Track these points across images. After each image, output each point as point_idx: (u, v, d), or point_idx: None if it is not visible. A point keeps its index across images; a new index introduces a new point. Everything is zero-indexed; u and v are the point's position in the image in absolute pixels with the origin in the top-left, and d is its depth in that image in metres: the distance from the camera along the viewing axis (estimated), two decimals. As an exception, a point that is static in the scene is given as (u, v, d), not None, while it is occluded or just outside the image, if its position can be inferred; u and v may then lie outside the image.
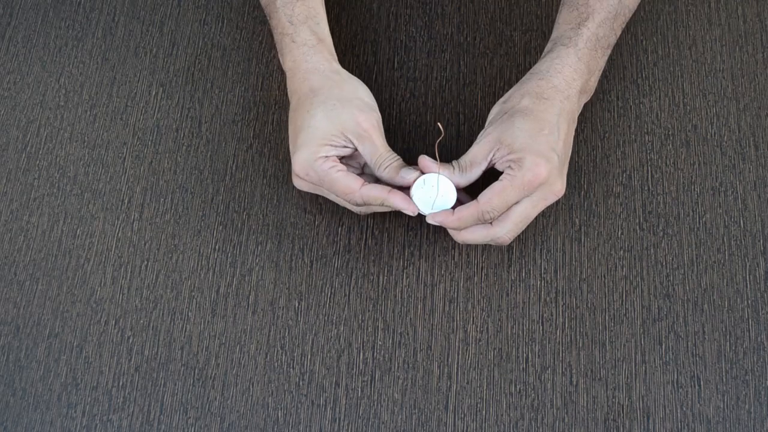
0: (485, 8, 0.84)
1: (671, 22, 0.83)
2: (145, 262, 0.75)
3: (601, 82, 0.80)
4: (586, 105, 0.79)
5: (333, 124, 0.68)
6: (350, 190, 0.67)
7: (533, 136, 0.66)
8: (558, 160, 0.66)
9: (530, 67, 0.81)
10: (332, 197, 0.71)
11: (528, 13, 0.84)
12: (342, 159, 0.69)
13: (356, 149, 0.69)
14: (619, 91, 0.80)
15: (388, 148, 0.69)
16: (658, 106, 0.79)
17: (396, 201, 0.67)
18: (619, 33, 0.74)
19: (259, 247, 0.75)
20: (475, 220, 0.66)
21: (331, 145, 0.68)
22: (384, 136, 0.70)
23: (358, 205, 0.68)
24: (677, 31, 0.82)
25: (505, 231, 0.67)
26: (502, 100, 0.70)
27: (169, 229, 0.76)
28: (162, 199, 0.77)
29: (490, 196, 0.65)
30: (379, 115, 0.70)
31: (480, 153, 0.67)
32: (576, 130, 0.78)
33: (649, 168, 0.77)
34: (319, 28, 0.73)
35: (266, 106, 0.80)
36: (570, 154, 0.70)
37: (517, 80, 0.80)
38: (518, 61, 0.81)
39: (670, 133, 0.78)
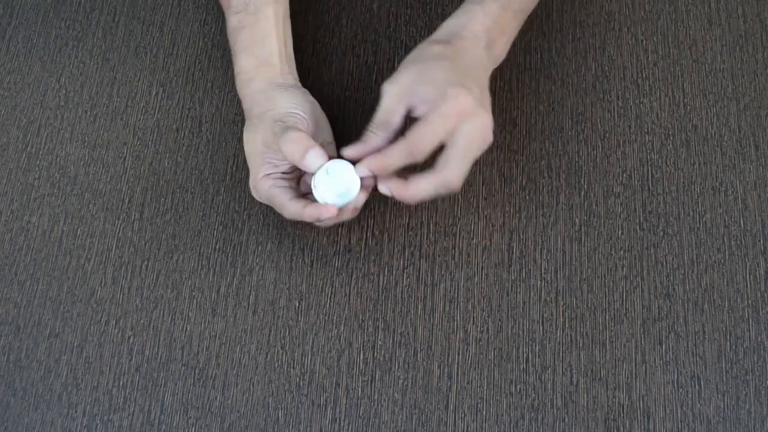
0: (485, 8, 0.84)
1: (671, 22, 0.83)
2: (146, 262, 0.75)
3: (601, 83, 0.80)
4: (586, 105, 0.79)
5: (256, 142, 0.69)
6: (282, 204, 0.69)
7: (450, 72, 0.65)
8: (479, 95, 0.65)
9: (530, 67, 0.81)
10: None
11: (528, 13, 0.84)
12: (295, 173, 0.70)
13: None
14: (619, 91, 0.80)
15: (303, 142, 0.66)
16: (659, 106, 0.79)
17: (311, 212, 0.66)
18: (535, 2, 0.75)
19: (260, 247, 0.75)
20: (406, 156, 0.64)
21: (269, 163, 0.69)
22: (300, 130, 0.68)
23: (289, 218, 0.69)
24: (677, 31, 0.82)
25: (451, 171, 0.64)
26: (408, 56, 0.69)
27: (169, 229, 0.76)
28: (162, 199, 0.77)
29: (415, 129, 0.64)
30: (301, 114, 0.69)
31: (391, 103, 0.66)
32: (576, 129, 0.78)
33: (650, 168, 0.77)
34: (263, 50, 0.72)
35: (266, 106, 0.80)
36: (490, 104, 0.67)
37: (518, 80, 0.80)
38: (518, 60, 0.81)
39: (670, 133, 0.78)
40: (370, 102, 0.80)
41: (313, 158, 0.66)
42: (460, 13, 0.71)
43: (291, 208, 0.68)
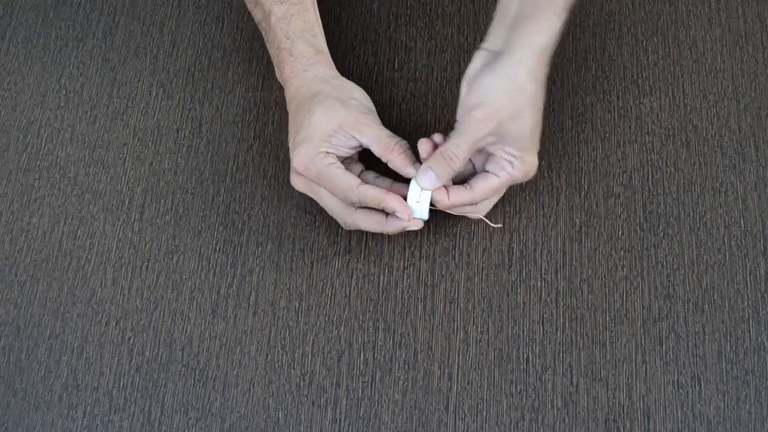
0: (485, 9, 0.84)
1: (671, 22, 0.83)
2: (146, 263, 0.75)
3: (601, 83, 0.80)
4: (586, 105, 0.79)
5: (332, 120, 0.68)
6: (348, 187, 0.67)
7: (535, 130, 0.67)
8: (538, 149, 0.69)
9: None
10: (325, 202, 0.70)
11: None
12: (342, 161, 0.70)
13: (358, 148, 0.69)
14: (619, 91, 0.80)
15: (391, 134, 0.69)
16: (659, 107, 0.79)
17: (392, 203, 0.67)
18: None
19: (260, 248, 0.75)
20: (467, 203, 0.69)
21: (331, 143, 0.68)
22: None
23: (353, 204, 0.68)
24: (677, 31, 0.82)
25: (485, 208, 0.72)
26: (506, 76, 0.65)
27: (169, 230, 0.76)
28: (162, 200, 0.77)
29: (484, 189, 0.68)
30: (378, 117, 0.71)
31: (481, 133, 0.66)
32: (576, 130, 0.78)
33: (650, 168, 0.77)
34: (316, 40, 0.73)
35: (266, 107, 0.80)
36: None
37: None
38: (518, 61, 0.81)
39: (670, 133, 0.78)
40: (370, 102, 0.80)
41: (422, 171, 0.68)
42: (545, 32, 0.66)
43: (365, 191, 0.67)
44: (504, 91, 0.65)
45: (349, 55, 0.82)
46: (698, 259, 0.73)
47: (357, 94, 0.71)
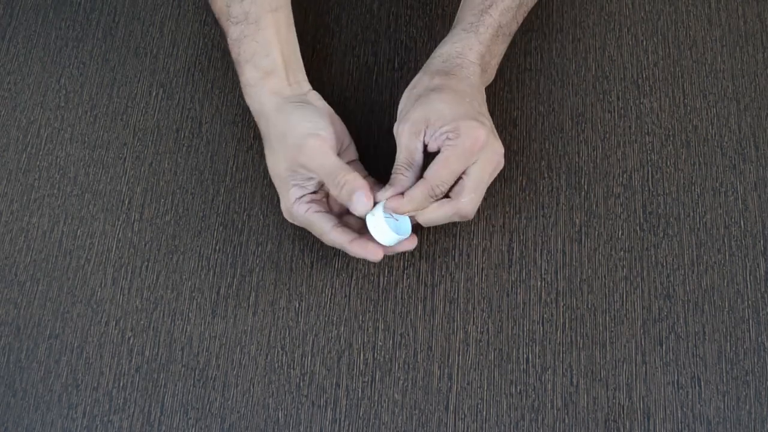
0: (485, 8, 0.84)
1: (671, 23, 0.83)
2: (146, 263, 0.75)
3: (601, 83, 0.80)
4: (586, 105, 0.79)
5: (279, 166, 0.69)
6: (322, 232, 0.69)
7: (458, 104, 0.67)
8: (489, 124, 0.68)
9: (530, 68, 0.81)
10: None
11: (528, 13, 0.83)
12: (323, 195, 0.71)
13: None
14: (619, 91, 0.80)
15: (333, 169, 0.67)
16: (659, 107, 0.79)
17: (356, 250, 0.67)
18: (521, 21, 0.76)
19: (260, 248, 0.75)
20: (427, 196, 0.66)
21: (297, 186, 0.69)
22: (327, 154, 0.67)
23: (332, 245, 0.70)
24: (677, 31, 0.82)
25: (466, 201, 0.67)
26: (408, 88, 0.70)
27: (169, 229, 0.76)
28: (162, 200, 0.77)
29: (435, 168, 0.66)
30: (319, 134, 0.68)
31: (410, 142, 0.67)
32: (576, 130, 0.78)
33: (650, 168, 0.77)
34: (268, 60, 0.71)
35: (266, 107, 0.80)
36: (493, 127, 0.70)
37: (518, 80, 0.80)
38: (518, 61, 0.81)
39: (670, 133, 0.78)
40: (370, 103, 0.80)
41: (359, 203, 0.66)
42: (454, 40, 0.71)
43: (335, 238, 0.68)
44: (406, 97, 0.70)
45: (349, 55, 0.82)
46: (698, 260, 0.73)
47: (295, 120, 0.68)
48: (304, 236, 0.75)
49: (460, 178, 0.67)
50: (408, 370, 0.70)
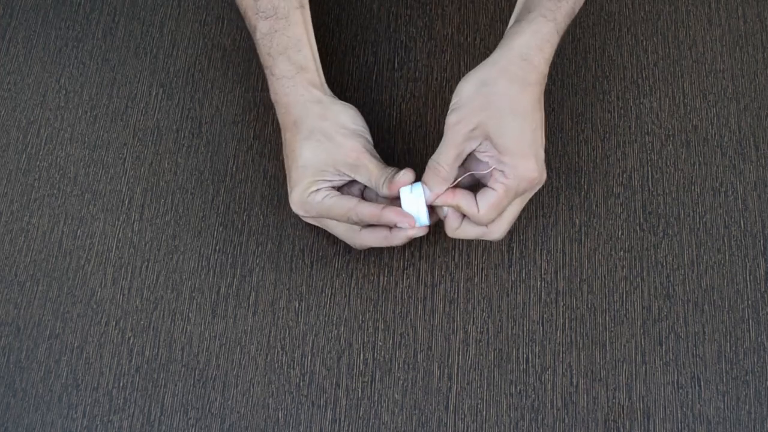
0: (485, 8, 0.84)
1: (671, 22, 0.83)
2: (146, 263, 0.75)
3: (601, 83, 0.80)
4: (586, 105, 0.79)
5: (321, 160, 0.68)
6: (346, 209, 0.67)
7: (523, 134, 0.63)
8: (541, 153, 0.65)
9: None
10: (333, 230, 0.71)
11: None
12: (340, 188, 0.70)
13: (351, 179, 0.69)
14: (619, 91, 0.80)
15: (383, 168, 0.68)
16: (659, 107, 0.79)
17: (390, 215, 0.66)
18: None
19: (260, 248, 0.75)
20: (475, 226, 0.66)
21: (322, 180, 0.68)
22: (376, 156, 0.69)
23: (357, 223, 0.68)
24: (677, 31, 0.82)
25: (499, 231, 0.67)
26: (478, 78, 0.65)
27: (169, 230, 0.76)
28: (162, 200, 0.77)
29: (487, 210, 0.64)
30: (367, 137, 0.69)
31: (463, 144, 0.64)
32: (576, 130, 0.78)
33: (650, 168, 0.77)
34: (300, 55, 0.70)
35: (266, 107, 0.80)
36: (543, 142, 0.67)
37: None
38: (518, 61, 0.81)
39: (670, 133, 0.78)
40: (370, 103, 0.80)
41: (405, 175, 0.66)
42: (534, 29, 0.65)
43: (362, 210, 0.66)
44: (475, 91, 0.64)
45: (349, 55, 0.82)
46: (698, 259, 0.73)
47: (343, 119, 0.69)
48: (304, 236, 0.75)
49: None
50: (408, 370, 0.70)
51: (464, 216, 0.66)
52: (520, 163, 0.63)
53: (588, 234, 0.74)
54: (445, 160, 0.65)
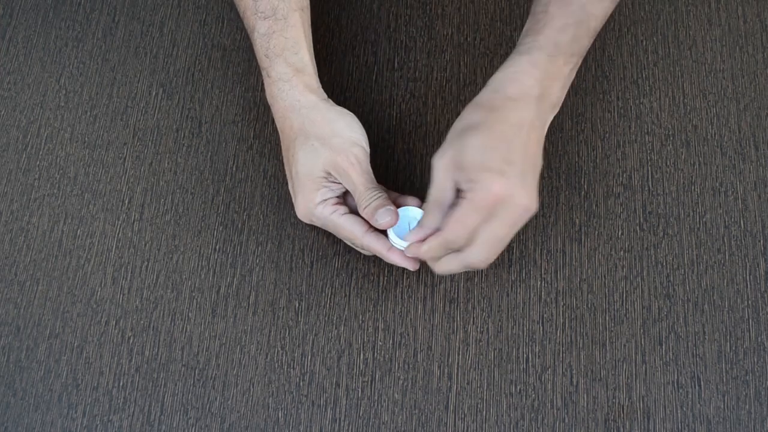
0: (485, 8, 0.84)
1: (671, 22, 0.83)
2: (146, 263, 0.75)
3: (601, 83, 0.80)
4: (586, 105, 0.79)
5: (317, 167, 0.68)
6: (353, 236, 0.68)
7: (484, 151, 0.62)
8: (516, 173, 0.62)
9: (530, 68, 0.80)
10: (338, 234, 0.71)
11: (528, 13, 0.83)
12: (343, 195, 0.70)
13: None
14: (619, 91, 0.80)
15: (368, 185, 0.67)
16: (659, 107, 0.79)
17: (394, 259, 0.68)
18: (587, 42, 0.69)
19: (260, 248, 0.75)
20: (444, 248, 0.64)
21: (325, 188, 0.68)
22: (367, 169, 0.68)
23: (359, 248, 0.70)
24: (677, 31, 0.82)
25: (475, 256, 0.63)
26: (458, 119, 0.66)
27: (169, 229, 0.76)
28: (162, 200, 0.77)
29: (451, 223, 0.63)
30: (362, 145, 0.69)
31: (442, 181, 0.64)
32: (576, 129, 0.78)
33: (650, 168, 0.77)
34: (297, 57, 0.70)
35: (266, 107, 0.80)
36: (540, 164, 0.64)
37: (518, 80, 0.80)
38: (518, 61, 0.81)
39: (670, 133, 0.78)
40: (370, 103, 0.80)
41: (382, 216, 0.67)
42: (509, 64, 0.66)
43: (369, 243, 0.68)
44: (456, 130, 0.65)
45: (349, 55, 0.82)
46: (698, 259, 0.73)
47: (339, 126, 0.69)
48: (304, 236, 0.75)
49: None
50: (408, 370, 0.70)
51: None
52: (481, 175, 0.61)
53: (588, 234, 0.74)
54: (429, 200, 0.65)
